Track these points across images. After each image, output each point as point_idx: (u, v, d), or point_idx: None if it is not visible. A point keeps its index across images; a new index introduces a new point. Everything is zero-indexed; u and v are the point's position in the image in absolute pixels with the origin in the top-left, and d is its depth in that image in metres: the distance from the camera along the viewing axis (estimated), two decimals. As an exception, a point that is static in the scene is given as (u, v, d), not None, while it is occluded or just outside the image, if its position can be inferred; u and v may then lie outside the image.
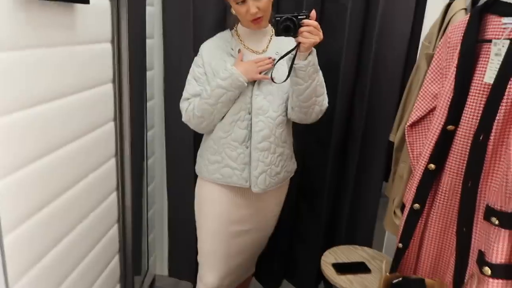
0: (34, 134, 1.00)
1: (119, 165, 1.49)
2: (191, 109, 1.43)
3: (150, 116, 1.85)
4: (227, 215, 1.52)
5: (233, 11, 1.40)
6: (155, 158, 1.97)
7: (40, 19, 0.98)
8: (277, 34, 1.24)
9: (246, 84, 1.37)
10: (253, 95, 1.41)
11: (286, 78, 1.30)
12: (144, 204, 1.82)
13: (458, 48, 1.10)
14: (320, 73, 1.37)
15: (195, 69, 1.47)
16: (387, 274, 1.23)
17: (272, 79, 1.34)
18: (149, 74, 1.78)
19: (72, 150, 1.18)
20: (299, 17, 1.21)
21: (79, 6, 1.13)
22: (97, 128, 1.32)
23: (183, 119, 1.48)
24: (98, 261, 1.41)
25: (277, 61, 1.32)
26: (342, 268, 1.56)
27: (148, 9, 1.66)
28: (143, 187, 1.81)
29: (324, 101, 1.42)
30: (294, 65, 1.27)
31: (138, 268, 1.75)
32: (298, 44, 1.23)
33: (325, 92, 1.43)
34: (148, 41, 1.71)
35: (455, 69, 1.10)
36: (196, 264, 1.65)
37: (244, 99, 1.41)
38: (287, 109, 1.44)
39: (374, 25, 1.67)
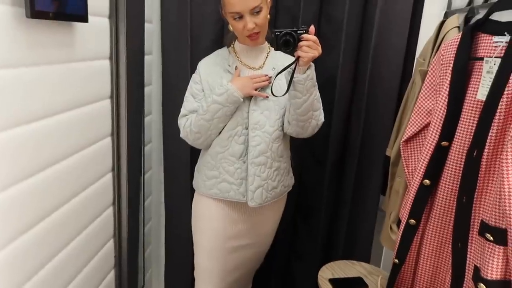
0: (31, 150, 1.01)
1: (115, 180, 1.50)
2: (188, 125, 1.45)
3: (147, 131, 1.86)
4: (224, 231, 1.52)
5: (231, 28, 1.42)
6: (152, 173, 1.98)
7: (39, 37, 0.99)
8: (277, 48, 1.26)
9: (241, 99, 1.39)
10: (250, 110, 1.42)
11: (286, 92, 1.31)
12: (140, 219, 1.81)
13: (451, 65, 1.12)
14: (317, 88, 1.39)
15: (193, 85, 1.49)
16: (384, 290, 1.22)
17: (272, 93, 1.35)
18: (147, 89, 1.79)
19: (69, 165, 1.19)
20: (298, 31, 1.23)
21: (78, 24, 1.15)
22: (94, 143, 1.33)
23: (181, 135, 1.49)
24: (94, 277, 1.40)
25: (276, 75, 1.34)
26: (339, 283, 1.55)
27: (147, 26, 1.69)
28: (140, 202, 1.80)
29: (320, 116, 1.44)
30: (293, 79, 1.29)
31: (134, 284, 1.74)
32: (297, 58, 1.25)
33: (321, 107, 1.44)
34: (146, 57, 1.73)
35: (448, 86, 1.12)
36: (193, 280, 1.64)
37: (241, 114, 1.42)
38: (283, 124, 1.45)
39: (369, 41, 1.69)
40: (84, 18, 1.12)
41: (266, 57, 1.50)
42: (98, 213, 1.40)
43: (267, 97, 1.41)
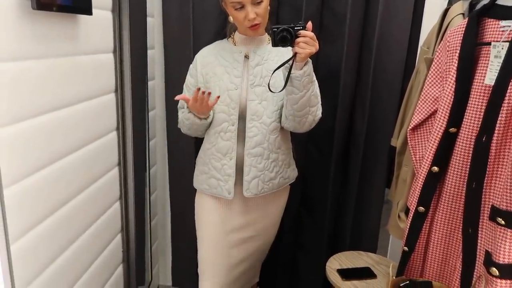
0: (39, 143, 1.00)
1: (122, 174, 1.49)
2: (180, 120, 1.50)
3: (151, 126, 1.86)
4: (223, 224, 1.51)
5: (231, 19, 1.42)
6: (157, 168, 1.97)
7: (45, 29, 0.99)
8: (274, 44, 1.25)
9: (208, 117, 1.42)
10: (247, 100, 1.41)
11: (283, 88, 1.31)
12: (147, 214, 1.81)
13: (458, 51, 1.12)
14: (316, 84, 1.37)
15: (189, 78, 1.51)
16: (394, 277, 1.22)
17: (270, 89, 1.34)
18: (150, 84, 1.79)
19: (76, 159, 1.18)
20: (295, 28, 1.23)
21: (82, 17, 1.15)
22: (100, 137, 1.33)
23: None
24: (103, 271, 1.40)
25: (274, 71, 1.33)
26: (347, 273, 1.55)
27: (148, 20, 1.68)
28: (146, 197, 1.80)
29: (317, 111, 1.42)
30: (290, 75, 1.28)
31: (141, 278, 1.74)
32: (295, 54, 1.25)
33: (319, 102, 1.43)
34: (148, 52, 1.72)
35: (455, 72, 1.12)
36: (200, 274, 1.64)
37: (228, 110, 1.42)
38: (281, 116, 1.44)
39: (373, 33, 1.69)
40: (88, 11, 1.11)
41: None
42: (105, 208, 1.40)
43: (269, 88, 1.34)
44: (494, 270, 0.96)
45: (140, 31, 1.53)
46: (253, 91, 1.41)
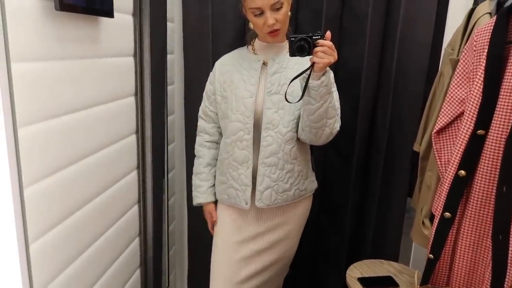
0: (59, 144, 1.01)
1: (140, 178, 1.49)
2: (196, 148, 1.62)
3: (170, 131, 1.86)
4: (237, 234, 1.48)
5: (251, 26, 1.41)
6: (175, 173, 1.97)
7: (67, 31, 1.00)
8: (292, 54, 1.23)
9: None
10: (264, 108, 1.39)
11: (300, 98, 1.28)
12: (164, 218, 1.80)
13: (486, 51, 1.08)
14: (334, 96, 1.35)
15: (208, 85, 1.52)
16: (419, 286, 1.17)
17: (286, 99, 1.32)
18: (169, 88, 1.79)
19: (96, 160, 1.18)
20: (313, 37, 1.21)
21: (104, 19, 1.15)
22: (120, 140, 1.33)
23: None
24: (120, 274, 1.39)
25: (291, 81, 1.31)
26: (369, 282, 1.50)
27: (168, 25, 1.69)
28: (164, 202, 1.80)
29: (335, 124, 1.37)
30: (307, 85, 1.25)
31: (158, 284, 1.72)
32: (313, 64, 1.22)
33: (338, 115, 1.39)
34: (168, 56, 1.73)
35: (483, 72, 1.08)
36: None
37: (243, 119, 1.40)
38: (298, 127, 1.41)
39: (395, 34, 1.66)
40: (110, 13, 1.12)
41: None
42: (124, 211, 1.39)
43: (286, 98, 1.34)
44: (528, 279, 0.91)
45: (160, 35, 1.53)
46: (269, 99, 1.39)
